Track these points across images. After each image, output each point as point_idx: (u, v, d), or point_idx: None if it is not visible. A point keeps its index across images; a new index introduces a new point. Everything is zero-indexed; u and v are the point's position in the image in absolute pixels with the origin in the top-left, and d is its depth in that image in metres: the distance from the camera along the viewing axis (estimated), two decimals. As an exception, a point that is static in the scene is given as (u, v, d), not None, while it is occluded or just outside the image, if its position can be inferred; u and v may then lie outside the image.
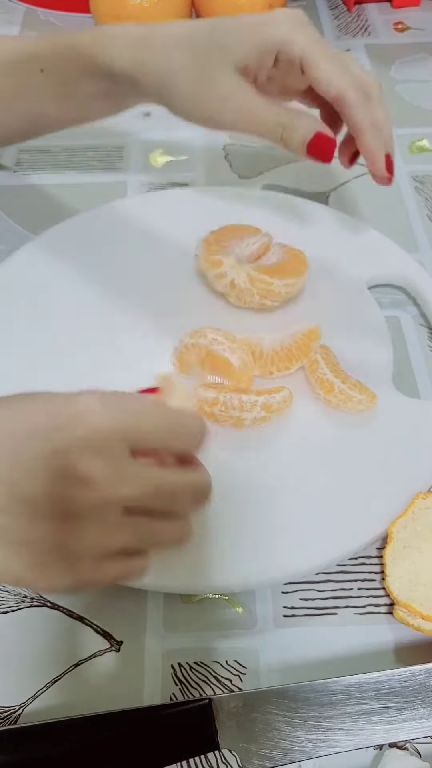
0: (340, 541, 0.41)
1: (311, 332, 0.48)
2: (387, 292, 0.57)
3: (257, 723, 0.34)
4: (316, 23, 0.85)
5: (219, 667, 0.40)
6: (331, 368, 0.47)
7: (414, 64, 0.79)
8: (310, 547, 0.41)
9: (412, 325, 0.55)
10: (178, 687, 0.39)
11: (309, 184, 0.66)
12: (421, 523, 0.41)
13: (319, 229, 0.58)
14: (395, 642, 0.40)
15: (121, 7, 0.76)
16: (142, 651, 0.40)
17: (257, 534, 0.41)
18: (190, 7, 0.80)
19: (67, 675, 0.39)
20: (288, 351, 0.47)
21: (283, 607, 0.42)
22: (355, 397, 0.45)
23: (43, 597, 0.42)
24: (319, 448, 0.45)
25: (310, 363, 0.47)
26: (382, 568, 0.41)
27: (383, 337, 0.51)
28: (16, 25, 0.86)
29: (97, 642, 0.40)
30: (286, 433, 0.46)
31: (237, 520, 0.42)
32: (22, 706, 0.38)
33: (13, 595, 0.42)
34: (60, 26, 0.86)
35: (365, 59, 0.80)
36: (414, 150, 0.69)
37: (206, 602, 0.42)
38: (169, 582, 0.40)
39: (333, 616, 0.41)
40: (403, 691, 0.34)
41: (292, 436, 0.46)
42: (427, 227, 0.62)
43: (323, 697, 0.34)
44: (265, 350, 0.47)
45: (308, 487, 0.43)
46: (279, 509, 0.42)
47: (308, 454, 0.45)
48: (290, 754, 0.33)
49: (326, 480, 0.44)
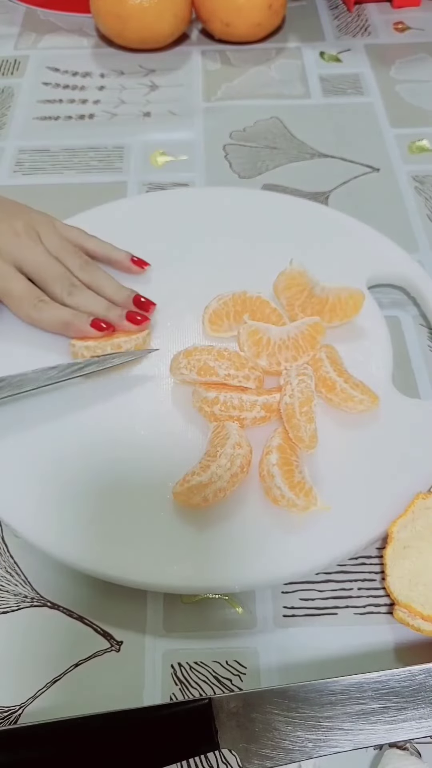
0: (340, 541, 0.41)
1: (317, 325, 0.48)
2: (387, 292, 0.57)
3: (257, 723, 0.34)
4: (316, 23, 0.86)
5: (219, 667, 0.40)
6: (335, 367, 0.46)
7: (414, 64, 0.79)
8: (310, 547, 0.41)
9: (412, 325, 0.55)
10: (178, 687, 0.39)
11: (309, 184, 0.66)
12: (421, 523, 0.41)
13: (319, 229, 0.58)
14: (395, 642, 0.40)
15: (121, 7, 0.76)
16: (142, 651, 0.40)
17: (257, 534, 0.41)
18: (190, 7, 0.80)
19: (67, 675, 0.39)
20: (295, 341, 0.47)
21: (283, 607, 0.42)
22: (356, 397, 0.45)
23: (43, 597, 0.42)
24: (319, 448, 0.45)
25: (314, 361, 0.47)
26: (382, 568, 0.41)
27: (383, 337, 0.51)
28: (16, 25, 0.86)
29: (97, 642, 0.40)
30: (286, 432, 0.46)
31: (236, 520, 0.42)
32: (22, 706, 0.38)
33: (13, 595, 0.42)
34: (60, 26, 0.86)
35: (365, 59, 0.80)
36: (414, 150, 0.69)
37: (206, 602, 0.42)
38: (169, 582, 0.40)
39: (333, 616, 0.41)
40: (403, 691, 0.34)
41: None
42: (427, 227, 0.62)
43: (323, 697, 0.34)
44: (272, 339, 0.47)
45: (308, 487, 0.43)
46: (279, 509, 0.42)
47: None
48: (290, 754, 0.33)
49: (326, 480, 0.44)
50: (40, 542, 0.41)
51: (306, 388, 0.45)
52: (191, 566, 0.40)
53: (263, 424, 0.46)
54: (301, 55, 0.81)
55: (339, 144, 0.70)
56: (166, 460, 0.44)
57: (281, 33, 0.84)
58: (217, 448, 0.42)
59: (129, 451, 0.45)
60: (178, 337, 0.51)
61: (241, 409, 0.45)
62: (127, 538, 0.41)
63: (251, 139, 0.71)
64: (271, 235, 0.58)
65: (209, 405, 0.45)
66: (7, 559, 0.44)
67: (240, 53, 0.81)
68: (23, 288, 0.50)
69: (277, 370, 0.47)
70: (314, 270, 0.50)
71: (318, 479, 0.43)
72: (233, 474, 0.42)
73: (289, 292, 0.49)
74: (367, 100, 0.75)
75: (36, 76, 0.79)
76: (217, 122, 0.73)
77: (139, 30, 0.78)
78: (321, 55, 0.81)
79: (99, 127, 0.73)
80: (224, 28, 0.79)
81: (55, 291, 0.50)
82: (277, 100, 0.75)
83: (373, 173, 0.67)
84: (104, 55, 0.82)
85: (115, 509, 0.42)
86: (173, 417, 0.47)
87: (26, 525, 0.42)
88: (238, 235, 0.58)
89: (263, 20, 0.79)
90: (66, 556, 0.41)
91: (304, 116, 0.73)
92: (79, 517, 0.42)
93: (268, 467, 0.42)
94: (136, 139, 0.71)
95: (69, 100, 0.76)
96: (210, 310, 0.50)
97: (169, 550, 0.41)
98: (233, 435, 0.43)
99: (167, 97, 0.76)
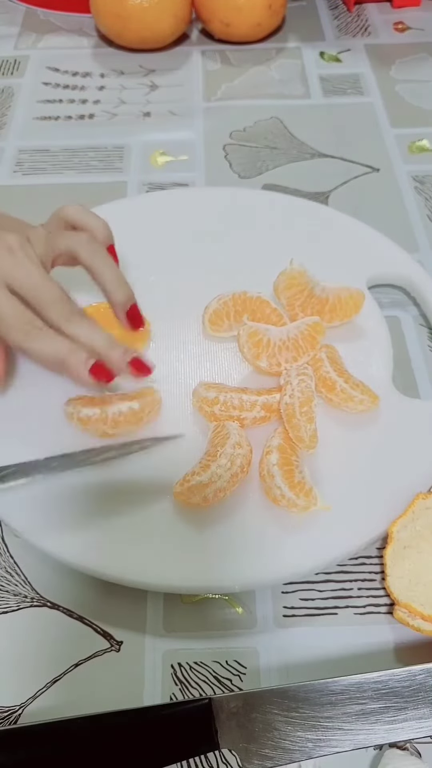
0: (340, 541, 0.41)
1: (316, 325, 0.48)
2: (387, 292, 0.57)
3: (257, 723, 0.34)
4: (316, 23, 0.86)
5: (219, 667, 0.40)
6: (335, 367, 0.46)
7: (414, 64, 0.79)
8: (310, 547, 0.41)
9: (412, 325, 0.55)
10: (178, 687, 0.39)
11: (309, 184, 0.66)
12: (421, 523, 0.41)
13: (319, 229, 0.58)
14: (395, 642, 0.40)
15: (121, 7, 0.76)
16: (142, 651, 0.40)
17: (257, 534, 0.41)
18: (190, 7, 0.80)
19: (67, 675, 0.39)
20: (295, 342, 0.47)
21: (283, 607, 0.42)
22: (356, 397, 0.45)
23: (43, 597, 0.42)
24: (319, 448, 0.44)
25: (314, 361, 0.47)
26: (382, 568, 0.41)
27: (383, 337, 0.51)
28: (16, 25, 0.86)
29: (97, 642, 0.40)
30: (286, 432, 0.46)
31: (236, 520, 0.42)
32: (22, 706, 0.38)
33: (13, 595, 0.42)
34: (60, 26, 0.86)
35: (365, 59, 0.80)
36: (414, 150, 0.69)
37: (206, 602, 0.42)
38: (169, 582, 0.40)
39: (333, 616, 0.41)
40: (403, 691, 0.34)
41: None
42: (427, 227, 0.62)
43: (323, 697, 0.34)
44: (272, 340, 0.47)
45: (308, 487, 0.43)
46: (279, 509, 0.42)
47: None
48: (290, 754, 0.33)
49: (326, 480, 0.44)
50: (40, 542, 0.41)
51: (306, 388, 0.45)
52: (191, 566, 0.40)
53: (263, 424, 0.46)
54: (301, 55, 0.81)
55: (339, 144, 0.70)
56: (166, 459, 0.44)
57: (281, 33, 0.84)
58: (218, 447, 0.42)
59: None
60: (179, 337, 0.51)
61: (241, 409, 0.45)
62: (127, 538, 0.41)
63: (251, 139, 0.71)
64: (271, 235, 0.58)
65: (209, 405, 0.45)
66: (7, 559, 0.44)
67: (240, 53, 0.81)
68: (14, 311, 0.43)
69: (277, 371, 0.47)
70: (314, 270, 0.50)
71: (318, 479, 0.43)
72: (233, 474, 0.42)
73: (289, 292, 0.49)
74: (367, 100, 0.75)
75: (36, 76, 0.79)
76: (217, 122, 0.73)
77: (139, 30, 0.78)
78: (321, 55, 0.81)
79: (99, 127, 0.73)
80: (224, 28, 0.79)
81: (52, 317, 0.44)
82: (277, 100, 0.75)
83: (373, 173, 0.67)
84: (104, 55, 0.82)
85: (115, 509, 0.42)
86: (173, 417, 0.47)
87: (26, 525, 0.42)
88: (238, 235, 0.58)
89: (263, 20, 0.79)
90: (66, 556, 0.41)
91: (304, 116, 0.73)
92: (79, 517, 0.42)
93: (268, 467, 0.42)
94: (136, 139, 0.71)
95: (69, 100, 0.76)
96: (210, 309, 0.50)
97: (169, 550, 0.41)
98: (233, 435, 0.43)
99: (167, 97, 0.76)
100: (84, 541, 0.41)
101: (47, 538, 0.41)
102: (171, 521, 0.42)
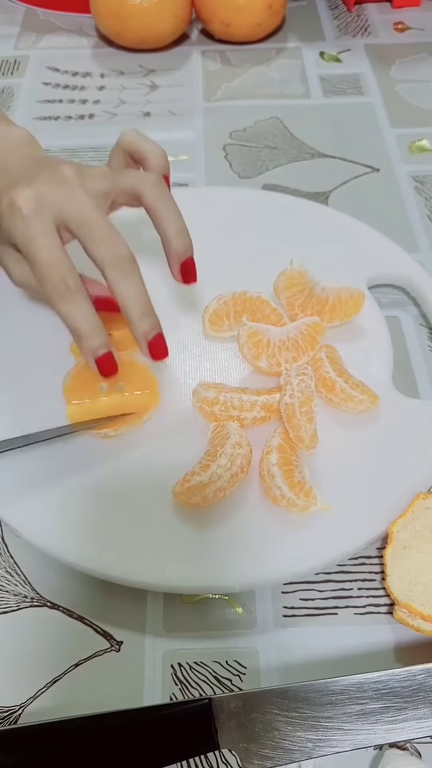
0: (340, 541, 0.41)
1: (316, 325, 0.48)
2: (387, 292, 0.57)
3: (257, 723, 0.34)
4: (316, 23, 0.86)
5: (219, 667, 0.40)
6: (335, 367, 0.46)
7: (414, 64, 0.79)
8: (310, 547, 0.41)
9: (412, 325, 0.55)
10: (178, 687, 0.39)
11: (309, 184, 0.66)
12: (421, 523, 0.41)
13: (319, 229, 0.58)
14: (395, 642, 0.40)
15: (121, 7, 0.76)
16: (142, 651, 0.40)
17: (257, 534, 0.41)
18: (190, 7, 0.80)
19: (67, 675, 0.39)
20: (295, 342, 0.47)
21: (283, 607, 0.42)
22: (356, 397, 0.45)
23: (43, 597, 0.42)
24: (319, 448, 0.45)
25: (314, 361, 0.47)
26: (382, 568, 0.41)
27: (383, 337, 0.51)
28: (16, 25, 0.86)
29: (97, 642, 0.40)
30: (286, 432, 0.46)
31: (236, 520, 0.42)
32: (22, 706, 0.38)
33: (13, 595, 0.42)
34: (60, 26, 0.86)
35: (365, 59, 0.80)
36: (414, 150, 0.69)
37: (206, 602, 0.42)
38: (169, 582, 0.40)
39: (333, 616, 0.41)
40: (403, 691, 0.34)
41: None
42: (427, 227, 0.62)
43: (323, 697, 0.34)
44: (272, 340, 0.47)
45: (308, 487, 0.43)
46: (279, 509, 0.42)
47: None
48: (290, 754, 0.33)
49: (326, 480, 0.44)
50: (40, 542, 0.41)
51: (306, 388, 0.45)
52: (191, 566, 0.40)
53: (263, 424, 0.46)
54: (301, 55, 0.81)
55: (339, 144, 0.70)
56: (166, 459, 0.44)
57: (281, 33, 0.84)
58: (217, 447, 0.42)
59: (129, 451, 0.45)
60: (178, 337, 0.51)
61: (241, 409, 0.45)
62: (127, 538, 0.41)
63: (251, 139, 0.71)
64: (271, 235, 0.58)
65: (209, 405, 0.45)
66: (7, 559, 0.44)
67: (240, 53, 0.81)
68: (53, 258, 0.39)
69: (277, 371, 0.47)
70: (314, 270, 0.50)
71: (318, 479, 0.43)
72: (233, 474, 0.42)
73: (289, 292, 0.49)
74: (367, 100, 0.75)
75: (36, 76, 0.79)
76: (217, 122, 0.73)
77: (139, 30, 0.78)
78: (321, 55, 0.81)
79: (99, 127, 0.73)
80: (224, 28, 0.79)
81: (99, 254, 0.40)
82: (277, 100, 0.75)
83: (373, 173, 0.67)
84: (104, 55, 0.82)
85: (115, 509, 0.42)
86: (173, 416, 0.47)
87: (26, 525, 0.42)
88: (239, 235, 0.58)
89: (263, 20, 0.79)
90: (66, 556, 0.41)
91: (304, 116, 0.73)
92: (79, 517, 0.42)
93: (268, 467, 0.42)
94: (136, 139, 0.71)
95: (69, 100, 0.76)
96: (210, 309, 0.50)
97: (169, 550, 0.41)
98: (233, 435, 0.43)
99: (167, 97, 0.76)
100: (84, 541, 0.41)
101: (47, 538, 0.41)
102: (171, 521, 0.42)
